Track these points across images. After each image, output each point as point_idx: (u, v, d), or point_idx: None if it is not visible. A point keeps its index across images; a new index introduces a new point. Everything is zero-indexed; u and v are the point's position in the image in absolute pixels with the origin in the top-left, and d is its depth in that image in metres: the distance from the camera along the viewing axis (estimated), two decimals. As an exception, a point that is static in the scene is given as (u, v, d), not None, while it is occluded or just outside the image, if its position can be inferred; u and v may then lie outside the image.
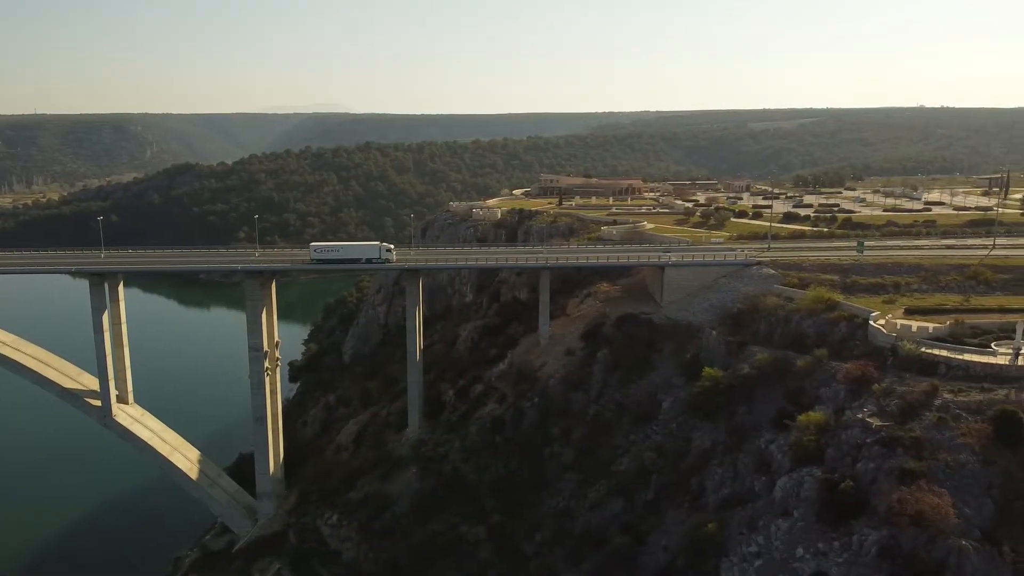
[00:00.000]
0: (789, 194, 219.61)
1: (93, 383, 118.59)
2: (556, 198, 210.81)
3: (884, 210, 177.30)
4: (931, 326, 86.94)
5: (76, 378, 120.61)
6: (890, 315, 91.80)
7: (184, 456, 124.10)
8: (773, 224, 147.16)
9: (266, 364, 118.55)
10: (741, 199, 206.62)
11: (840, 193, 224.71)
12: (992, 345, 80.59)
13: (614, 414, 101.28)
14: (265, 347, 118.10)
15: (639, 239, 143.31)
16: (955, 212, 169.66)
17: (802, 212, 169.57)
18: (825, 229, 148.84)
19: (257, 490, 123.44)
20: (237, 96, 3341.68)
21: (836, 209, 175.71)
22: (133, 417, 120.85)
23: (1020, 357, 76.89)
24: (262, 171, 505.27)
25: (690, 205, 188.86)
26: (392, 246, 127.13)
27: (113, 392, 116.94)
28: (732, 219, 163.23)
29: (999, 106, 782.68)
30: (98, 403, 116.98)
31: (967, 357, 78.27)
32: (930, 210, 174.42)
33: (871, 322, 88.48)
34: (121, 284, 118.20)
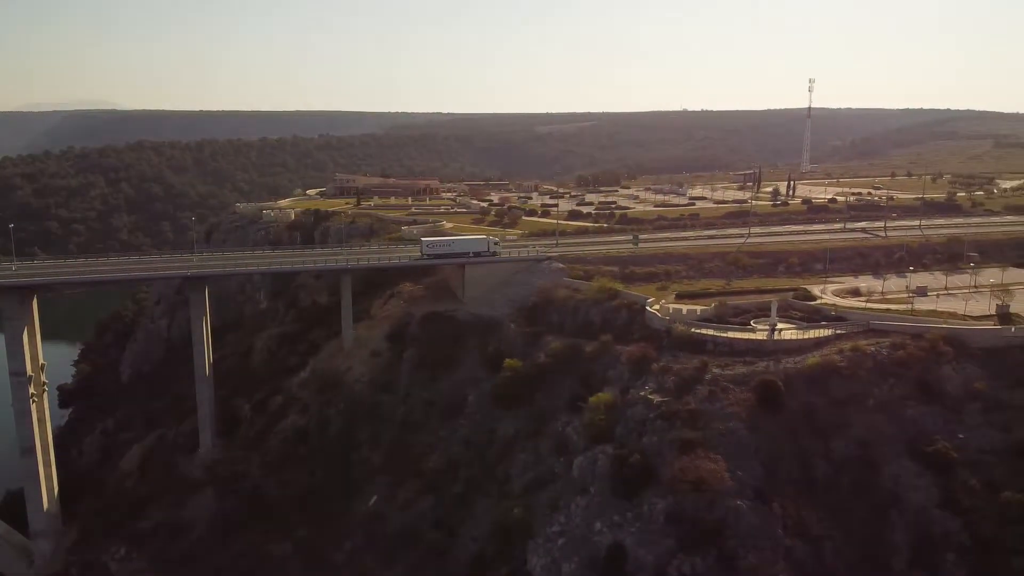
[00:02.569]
0: (573, 193, 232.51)
1: None
2: (354, 198, 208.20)
3: (655, 206, 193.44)
4: (699, 309, 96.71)
5: None
6: (663, 301, 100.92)
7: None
8: (560, 221, 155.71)
9: (31, 390, 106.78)
10: (531, 198, 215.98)
11: (617, 191, 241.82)
12: (751, 323, 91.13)
13: (423, 412, 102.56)
14: (29, 371, 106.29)
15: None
16: (715, 205, 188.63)
17: (585, 210, 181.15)
18: (605, 225, 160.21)
19: (30, 528, 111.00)
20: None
21: (614, 206, 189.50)
22: None
23: (775, 332, 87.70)
24: (17, 175, 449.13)
25: (485, 204, 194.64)
26: (498, 240, 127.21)
27: None
28: (524, 217, 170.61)
29: (751, 108, 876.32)
30: None
31: (731, 335, 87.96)
32: (694, 204, 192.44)
33: (647, 308, 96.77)
34: None
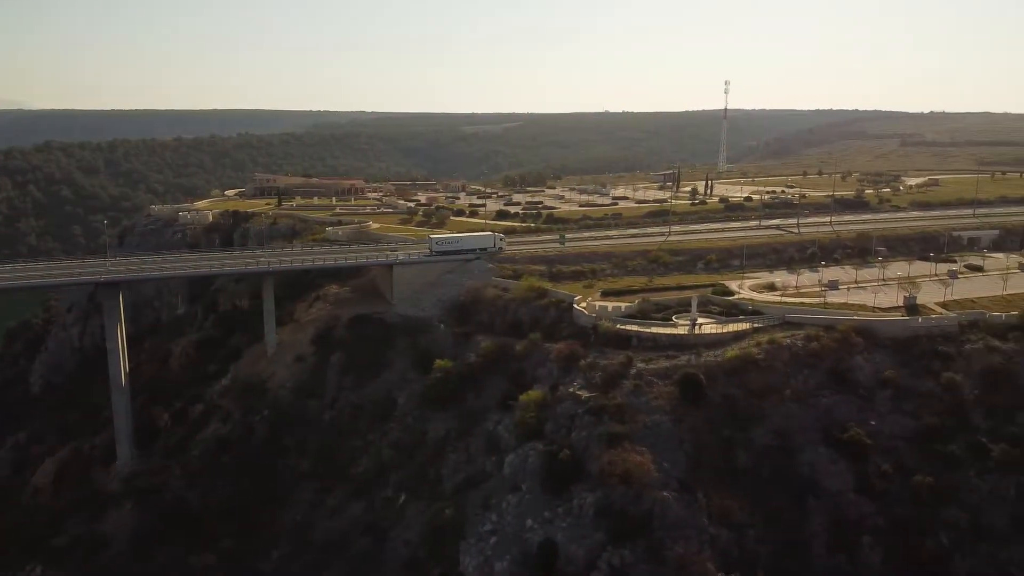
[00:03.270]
0: (500, 193, 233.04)
1: None
2: (275, 199, 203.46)
3: (580, 206, 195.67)
4: (623, 305, 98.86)
5: None
6: (590, 298, 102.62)
7: None
8: (488, 221, 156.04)
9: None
10: (459, 198, 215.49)
11: (543, 191, 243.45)
12: (673, 318, 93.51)
13: (351, 416, 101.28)
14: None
15: (366, 239, 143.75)
16: (637, 205, 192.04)
17: (512, 209, 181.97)
18: (532, 224, 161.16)
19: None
20: None
21: (540, 206, 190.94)
22: None
23: (696, 327, 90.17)
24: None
25: (412, 205, 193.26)
26: (503, 235, 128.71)
27: None
28: (452, 217, 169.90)
29: (670, 110, 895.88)
30: None
31: (654, 330, 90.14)
32: (617, 204, 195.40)
33: (575, 305, 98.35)
34: None
